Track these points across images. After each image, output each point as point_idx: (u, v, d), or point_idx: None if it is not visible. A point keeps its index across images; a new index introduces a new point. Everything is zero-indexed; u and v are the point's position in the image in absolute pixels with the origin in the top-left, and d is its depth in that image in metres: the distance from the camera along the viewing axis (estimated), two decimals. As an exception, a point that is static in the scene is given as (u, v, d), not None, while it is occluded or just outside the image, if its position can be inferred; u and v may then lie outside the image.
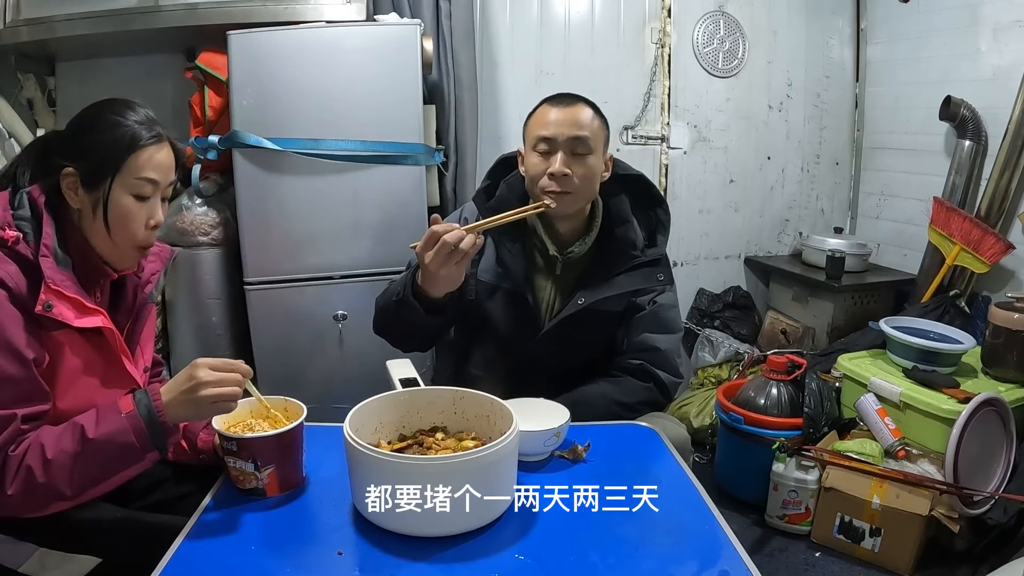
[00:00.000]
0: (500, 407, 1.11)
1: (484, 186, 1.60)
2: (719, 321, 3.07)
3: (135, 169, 1.07)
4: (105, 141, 1.06)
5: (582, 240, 1.52)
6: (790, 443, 2.01)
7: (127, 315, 1.19)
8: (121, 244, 1.10)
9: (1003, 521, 1.86)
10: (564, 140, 1.41)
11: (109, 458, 0.98)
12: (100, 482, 0.99)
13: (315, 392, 2.10)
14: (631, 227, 1.52)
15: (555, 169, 1.40)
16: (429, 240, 1.25)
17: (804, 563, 1.97)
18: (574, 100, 1.46)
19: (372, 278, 2.20)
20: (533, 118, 1.48)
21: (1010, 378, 2.14)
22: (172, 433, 1.01)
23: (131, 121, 1.07)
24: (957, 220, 2.53)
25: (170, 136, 1.13)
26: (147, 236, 1.12)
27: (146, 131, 1.08)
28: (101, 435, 0.96)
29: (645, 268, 1.51)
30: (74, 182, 1.07)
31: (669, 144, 3.04)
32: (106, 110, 1.09)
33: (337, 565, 0.93)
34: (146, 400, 0.99)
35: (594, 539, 0.99)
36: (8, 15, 2.12)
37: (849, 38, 3.18)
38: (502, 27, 2.79)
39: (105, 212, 1.07)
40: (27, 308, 0.99)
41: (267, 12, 2.09)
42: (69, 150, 1.08)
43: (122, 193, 1.07)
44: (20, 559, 1.03)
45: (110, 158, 1.06)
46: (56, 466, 0.95)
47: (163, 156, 1.11)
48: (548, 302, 1.55)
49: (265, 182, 2.10)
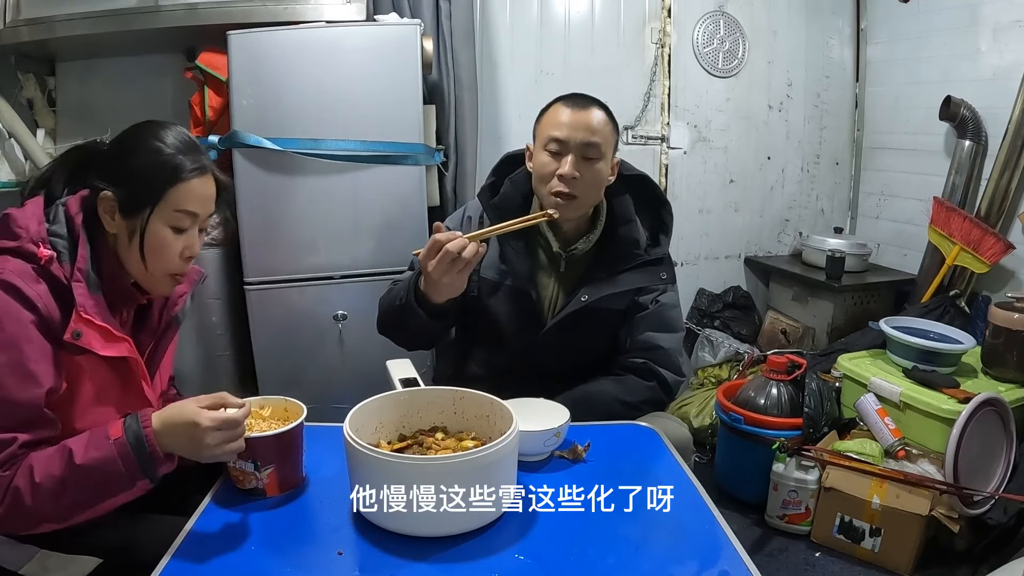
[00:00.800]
0: (500, 407, 1.11)
1: (489, 183, 1.60)
2: (719, 321, 3.07)
3: (175, 202, 1.04)
4: (147, 170, 1.03)
5: (586, 238, 1.52)
6: (790, 443, 2.01)
7: (151, 335, 1.18)
8: (155, 272, 1.08)
9: (1003, 521, 1.86)
10: (576, 143, 1.40)
11: (96, 484, 0.95)
12: (88, 508, 0.96)
13: (315, 392, 2.09)
14: (634, 226, 1.52)
15: (565, 172, 1.39)
16: (432, 248, 1.25)
17: (804, 563, 1.97)
18: (589, 103, 1.45)
19: (372, 278, 2.20)
20: (546, 116, 1.46)
21: (1010, 378, 2.14)
22: (163, 462, 0.98)
23: (174, 150, 1.05)
24: (957, 220, 2.53)
25: (213, 167, 1.10)
26: (181, 265, 1.09)
27: (189, 162, 1.05)
28: (88, 461, 0.94)
29: (648, 267, 1.52)
30: (111, 207, 1.04)
31: (669, 144, 3.04)
32: (150, 135, 1.06)
33: (337, 565, 0.93)
34: (135, 427, 0.96)
35: (594, 539, 0.99)
36: (8, 15, 2.12)
37: (849, 38, 3.18)
38: (502, 27, 2.79)
39: (141, 241, 1.05)
40: (54, 334, 0.97)
41: (267, 12, 2.09)
42: (109, 173, 1.05)
43: (160, 224, 1.05)
44: (21, 561, 1.03)
45: (151, 188, 1.03)
46: (44, 490, 0.92)
47: (205, 188, 1.08)
48: (551, 299, 1.55)
49: (265, 182, 2.10)
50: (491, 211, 1.53)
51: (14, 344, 0.94)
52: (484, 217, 1.56)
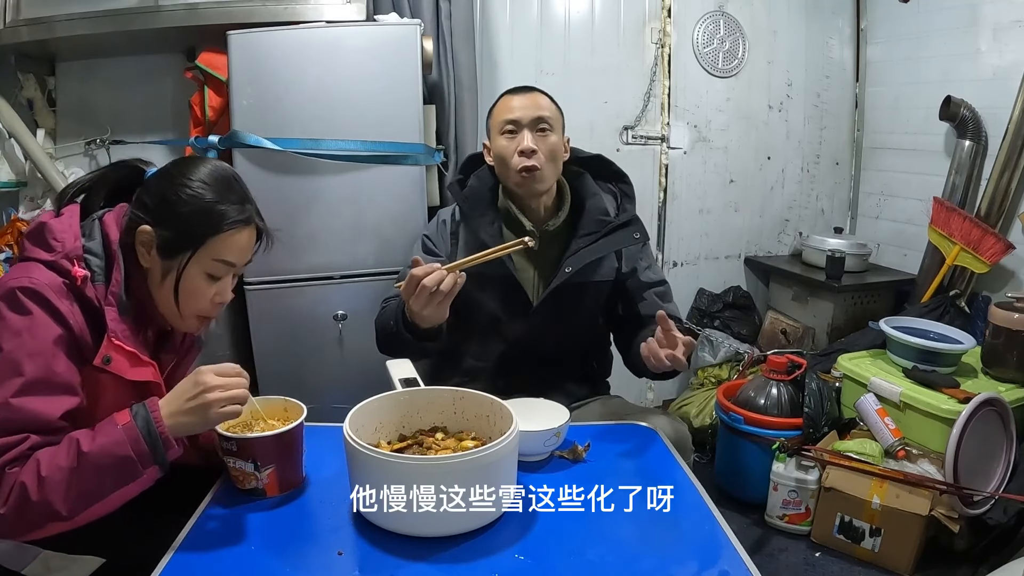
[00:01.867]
0: (500, 407, 1.11)
1: (457, 179, 1.70)
2: (719, 321, 3.07)
3: (215, 251, 1.04)
4: (192, 216, 1.03)
5: (555, 216, 1.59)
6: (790, 443, 2.01)
7: (173, 354, 1.18)
8: (185, 314, 1.08)
9: (1003, 521, 1.86)
10: (528, 120, 1.51)
11: (105, 473, 0.92)
12: (97, 499, 0.93)
13: (315, 392, 2.09)
14: (599, 197, 1.61)
15: (524, 145, 1.49)
16: (410, 284, 1.27)
17: (804, 563, 1.97)
18: (530, 89, 1.58)
19: (372, 278, 2.20)
20: (497, 108, 1.58)
21: (1010, 378, 2.14)
22: (171, 447, 0.96)
23: (220, 197, 1.04)
24: (957, 220, 2.53)
25: (257, 217, 1.10)
26: (212, 309, 1.10)
27: (235, 212, 1.05)
28: (96, 448, 0.92)
29: (621, 229, 1.58)
30: (149, 242, 1.03)
31: (669, 144, 3.04)
32: (198, 176, 1.05)
33: (337, 565, 0.93)
34: (143, 412, 0.95)
35: (594, 539, 0.99)
36: (8, 15, 2.12)
37: (849, 38, 3.18)
38: (502, 27, 2.79)
39: (177, 282, 1.04)
40: (83, 355, 0.97)
41: (267, 12, 2.09)
42: (153, 208, 1.04)
43: (197, 271, 1.05)
44: (24, 561, 1.03)
45: (192, 235, 1.03)
46: (51, 483, 0.89)
47: (246, 240, 1.08)
48: (533, 281, 1.59)
49: (265, 182, 2.10)
50: (463, 201, 1.62)
51: (43, 355, 0.94)
52: (455, 214, 1.64)
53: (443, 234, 1.64)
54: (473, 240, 1.57)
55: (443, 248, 1.63)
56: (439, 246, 1.63)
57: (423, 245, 1.65)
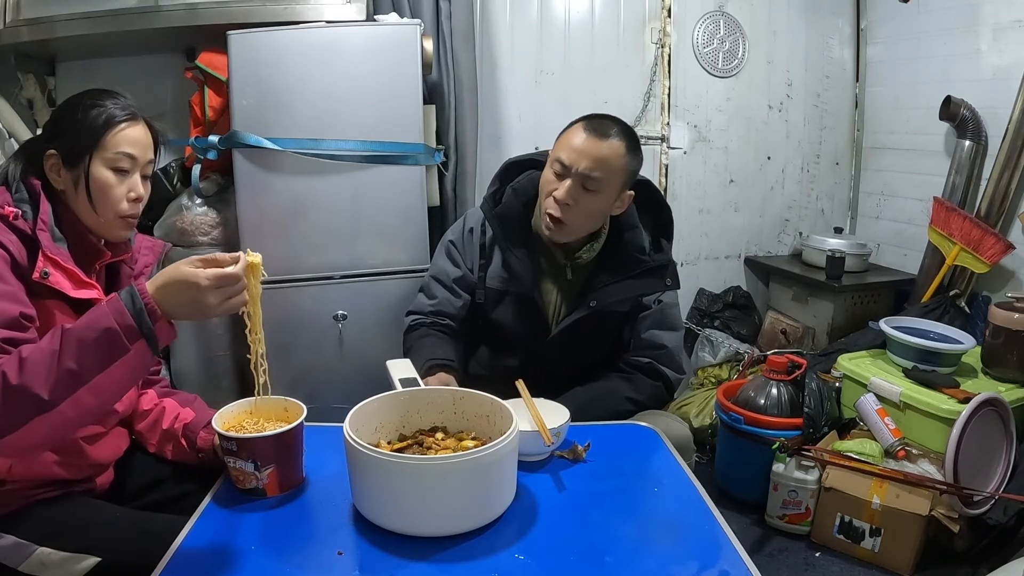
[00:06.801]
0: (500, 407, 1.11)
1: (491, 192, 1.60)
2: (719, 321, 3.07)
3: (112, 145, 1.12)
4: (83, 122, 1.11)
5: (589, 246, 1.53)
6: (790, 443, 2.01)
7: None
8: (105, 216, 1.13)
9: (1003, 521, 1.85)
10: (577, 171, 1.38)
11: (87, 349, 0.88)
12: (81, 381, 0.88)
13: (315, 392, 2.09)
14: (639, 232, 1.53)
15: (559, 196, 1.40)
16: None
17: (804, 563, 1.97)
18: (608, 133, 1.40)
19: (372, 278, 2.20)
20: (564, 135, 1.45)
21: (1010, 378, 2.14)
22: (158, 319, 0.91)
23: (107, 103, 1.13)
24: (957, 220, 2.53)
25: (146, 116, 1.18)
26: (130, 207, 1.15)
27: (120, 111, 1.13)
28: (79, 325, 0.90)
29: (654, 272, 1.53)
30: (56, 163, 1.12)
31: (669, 144, 3.04)
32: (84, 96, 1.14)
33: (337, 565, 0.93)
34: (129, 288, 0.92)
35: (594, 539, 0.99)
36: (8, 15, 2.12)
37: (849, 38, 3.18)
38: (502, 27, 2.79)
39: (87, 187, 1.11)
40: (25, 276, 1.02)
41: (267, 12, 2.09)
42: (50, 135, 1.14)
43: (101, 168, 1.12)
44: (20, 558, 1.03)
45: (88, 136, 1.11)
46: (31, 363, 0.87)
47: (138, 133, 1.15)
48: (555, 305, 1.56)
49: (265, 182, 2.10)
50: (493, 221, 1.54)
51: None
52: (485, 226, 1.57)
53: (470, 245, 1.59)
54: (505, 269, 1.53)
55: (469, 259, 1.59)
56: (465, 256, 1.59)
57: (447, 251, 1.61)
